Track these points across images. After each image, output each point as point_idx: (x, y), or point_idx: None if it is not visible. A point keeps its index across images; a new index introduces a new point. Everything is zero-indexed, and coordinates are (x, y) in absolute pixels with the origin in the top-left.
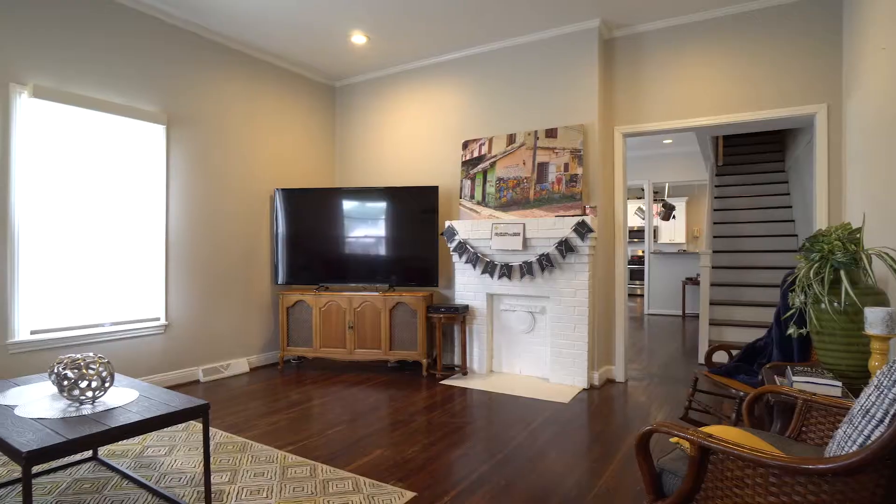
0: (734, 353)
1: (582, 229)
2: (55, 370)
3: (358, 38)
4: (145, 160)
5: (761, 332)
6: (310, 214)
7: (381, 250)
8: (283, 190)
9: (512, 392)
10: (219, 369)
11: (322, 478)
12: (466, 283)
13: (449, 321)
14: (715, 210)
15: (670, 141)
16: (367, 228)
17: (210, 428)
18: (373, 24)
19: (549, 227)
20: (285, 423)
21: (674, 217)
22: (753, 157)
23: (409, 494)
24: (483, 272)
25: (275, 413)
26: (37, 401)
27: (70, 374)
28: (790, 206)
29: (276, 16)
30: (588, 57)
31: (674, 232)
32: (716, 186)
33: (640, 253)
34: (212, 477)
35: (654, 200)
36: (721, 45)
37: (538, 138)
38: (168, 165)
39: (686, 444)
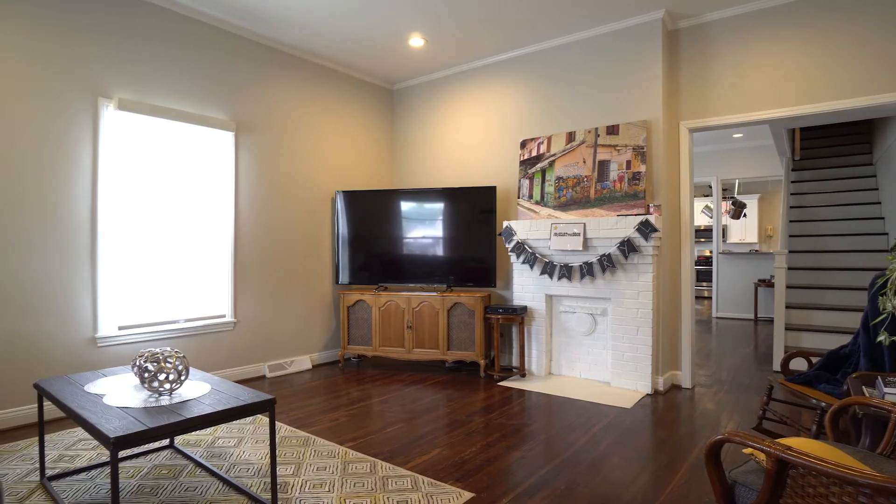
0: (814, 360)
1: (645, 229)
2: (137, 363)
3: (416, 42)
4: (216, 166)
5: (844, 339)
6: (369, 215)
7: (439, 251)
8: (343, 192)
9: (571, 395)
10: (283, 366)
11: (381, 474)
12: (524, 283)
13: (507, 322)
14: (791, 207)
15: (741, 135)
16: (424, 229)
17: (275, 422)
18: (430, 26)
19: (610, 227)
20: (346, 419)
21: (745, 215)
22: (836, 149)
23: (468, 495)
24: (542, 273)
25: (336, 409)
26: (121, 391)
27: (150, 367)
28: (879, 203)
29: (339, 24)
30: (651, 50)
31: (744, 231)
32: (792, 182)
33: (707, 253)
34: (277, 469)
35: (723, 198)
36: (798, 30)
37: (598, 136)
38: (236, 170)
39: (761, 456)
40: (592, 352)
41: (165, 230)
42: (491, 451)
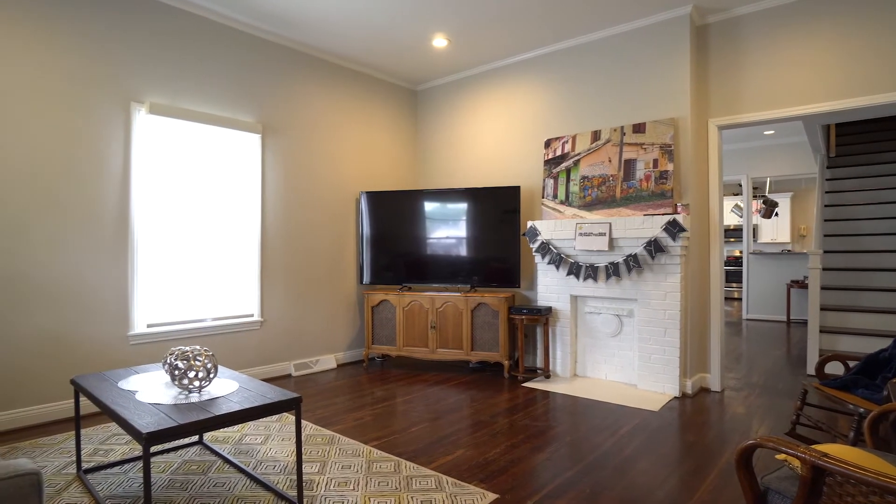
0: (851, 364)
1: (673, 228)
2: (168, 361)
3: (439, 42)
4: (243, 167)
5: (884, 342)
6: (393, 216)
7: (463, 251)
8: (367, 193)
9: (597, 397)
10: (308, 365)
11: (406, 474)
12: (549, 284)
13: (531, 323)
14: (826, 206)
15: (772, 132)
16: (448, 229)
17: (301, 420)
18: (454, 27)
19: (637, 227)
20: (370, 418)
21: (776, 214)
22: (874, 145)
23: (492, 496)
24: (567, 273)
25: (361, 408)
26: (153, 387)
27: (180, 364)
28: None
29: (363, 25)
30: (678, 46)
31: (776, 231)
32: (827, 180)
33: (737, 253)
34: (303, 467)
35: (754, 197)
36: (831, 22)
37: (625, 134)
38: (263, 172)
39: (796, 463)
40: (618, 353)
41: (194, 230)
42: (515, 453)
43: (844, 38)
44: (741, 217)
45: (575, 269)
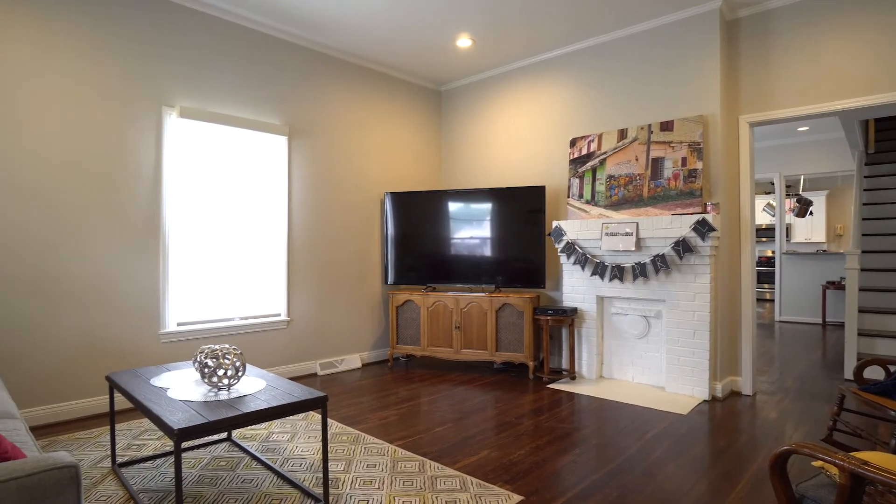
0: (892, 368)
1: (702, 228)
2: (198, 359)
3: (463, 42)
4: (270, 169)
5: None
6: (417, 216)
7: (487, 251)
8: (391, 193)
9: (624, 399)
10: (334, 364)
11: (430, 474)
12: (575, 284)
13: (556, 323)
14: (864, 204)
15: (806, 128)
16: (472, 229)
17: (327, 419)
18: (478, 26)
19: (664, 226)
20: (395, 418)
21: (811, 213)
22: None
23: (517, 497)
24: (593, 274)
25: (385, 408)
26: (183, 385)
27: (210, 362)
28: None
29: (387, 27)
30: (708, 42)
31: (811, 230)
32: (865, 177)
33: (769, 254)
34: (329, 465)
35: (787, 195)
36: (868, 15)
37: (652, 132)
38: (290, 173)
39: (833, 471)
40: (646, 355)
41: (223, 231)
42: (540, 454)
43: (881, 30)
44: (773, 216)
45: (601, 270)
